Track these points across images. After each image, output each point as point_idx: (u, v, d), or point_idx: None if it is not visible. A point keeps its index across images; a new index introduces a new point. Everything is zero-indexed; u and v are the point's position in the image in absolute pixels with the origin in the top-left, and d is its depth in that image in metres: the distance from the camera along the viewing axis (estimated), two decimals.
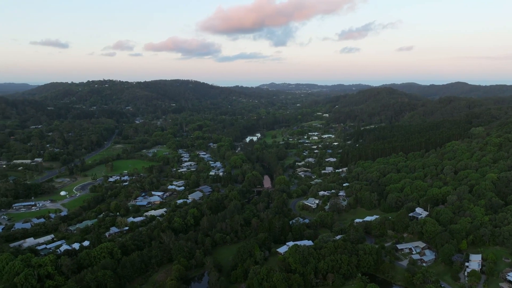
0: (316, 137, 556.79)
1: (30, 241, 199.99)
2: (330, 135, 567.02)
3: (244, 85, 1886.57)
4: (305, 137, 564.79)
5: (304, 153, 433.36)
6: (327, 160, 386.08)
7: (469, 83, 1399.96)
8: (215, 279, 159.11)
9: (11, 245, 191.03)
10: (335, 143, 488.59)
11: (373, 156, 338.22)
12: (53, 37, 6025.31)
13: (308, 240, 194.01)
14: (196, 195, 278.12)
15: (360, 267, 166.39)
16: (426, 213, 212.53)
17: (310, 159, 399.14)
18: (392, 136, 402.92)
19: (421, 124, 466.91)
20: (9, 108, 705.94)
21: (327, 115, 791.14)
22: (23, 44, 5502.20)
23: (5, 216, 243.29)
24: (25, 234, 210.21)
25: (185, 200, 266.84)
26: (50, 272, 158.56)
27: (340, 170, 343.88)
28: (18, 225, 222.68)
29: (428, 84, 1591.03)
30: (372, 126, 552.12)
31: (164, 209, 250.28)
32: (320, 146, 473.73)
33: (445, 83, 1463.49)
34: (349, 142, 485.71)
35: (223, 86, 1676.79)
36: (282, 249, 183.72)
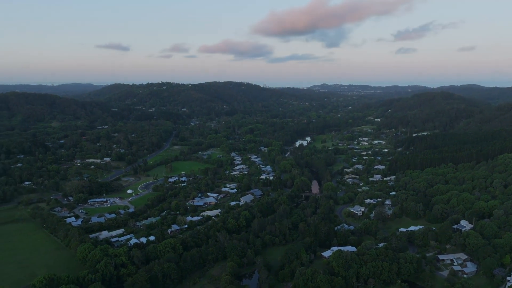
0: (366, 143, 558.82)
1: (105, 234, 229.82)
2: (381, 141, 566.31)
3: (296, 86, 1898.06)
4: (355, 142, 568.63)
5: (353, 160, 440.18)
6: (375, 167, 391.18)
7: None
8: (264, 277, 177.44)
9: (90, 236, 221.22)
10: (385, 150, 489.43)
11: (422, 166, 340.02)
12: (116, 40, 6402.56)
13: (352, 246, 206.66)
14: (247, 198, 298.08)
15: (400, 274, 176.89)
16: (471, 226, 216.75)
17: (359, 166, 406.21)
18: (443, 145, 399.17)
19: (476, 132, 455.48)
20: (79, 109, 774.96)
21: (378, 119, 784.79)
22: (89, 48, 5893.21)
23: (82, 210, 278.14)
24: (100, 227, 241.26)
25: (237, 202, 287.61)
26: (124, 261, 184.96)
27: (388, 178, 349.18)
28: (94, 219, 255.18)
29: (491, 86, 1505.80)
30: (425, 133, 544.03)
31: (219, 210, 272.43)
32: (369, 152, 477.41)
33: (510, 85, 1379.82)
34: (399, 149, 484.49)
35: (274, 87, 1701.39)
36: (327, 253, 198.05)
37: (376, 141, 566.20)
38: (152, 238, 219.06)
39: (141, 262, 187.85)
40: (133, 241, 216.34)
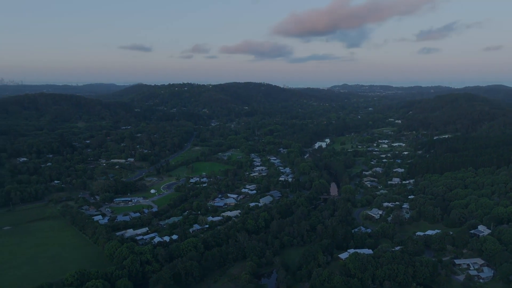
0: (386, 145, 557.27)
1: (130, 232, 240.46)
2: (401, 144, 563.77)
3: (316, 87, 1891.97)
4: (375, 144, 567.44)
5: (372, 162, 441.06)
6: (394, 170, 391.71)
7: None
8: (282, 276, 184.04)
9: (117, 234, 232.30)
10: (405, 153, 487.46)
11: (441, 170, 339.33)
12: (138, 42, 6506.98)
13: (369, 248, 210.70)
14: (266, 199, 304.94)
15: (416, 277, 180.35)
16: (489, 231, 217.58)
17: (378, 169, 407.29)
18: (464, 148, 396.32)
19: (498, 136, 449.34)
20: (104, 110, 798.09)
21: (399, 121, 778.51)
22: (113, 49, 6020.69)
23: (108, 209, 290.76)
24: (126, 225, 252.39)
25: (256, 203, 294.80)
26: (149, 259, 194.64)
27: (407, 181, 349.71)
28: (120, 217, 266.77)
29: None
30: (446, 136, 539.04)
31: (239, 211, 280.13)
32: (389, 155, 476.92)
33: None
34: (420, 152, 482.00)
35: (294, 87, 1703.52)
36: (344, 255, 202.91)
37: (396, 144, 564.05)
38: (175, 237, 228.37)
39: (165, 259, 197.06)
40: (157, 239, 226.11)
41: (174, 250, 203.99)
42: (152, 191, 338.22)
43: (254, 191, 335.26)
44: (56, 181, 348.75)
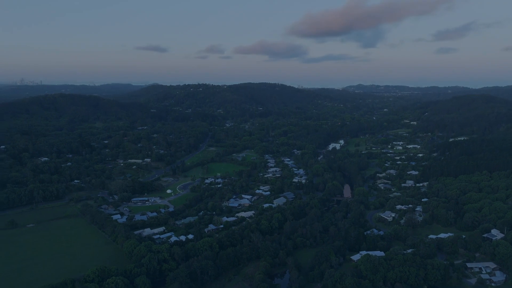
0: (400, 147, 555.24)
1: (147, 231, 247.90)
2: (416, 146, 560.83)
3: (331, 87, 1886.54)
4: (389, 146, 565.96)
5: (386, 164, 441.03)
6: (408, 173, 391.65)
7: None
8: (295, 277, 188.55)
9: (135, 232, 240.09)
10: (420, 155, 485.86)
11: (456, 173, 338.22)
12: (154, 42, 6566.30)
13: (381, 251, 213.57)
14: (280, 201, 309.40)
15: (427, 280, 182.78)
16: (502, 235, 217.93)
17: (392, 171, 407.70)
18: (480, 151, 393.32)
19: None
20: (121, 110, 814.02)
21: (414, 123, 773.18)
22: (129, 49, 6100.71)
23: (127, 208, 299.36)
24: (143, 224, 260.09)
25: (270, 204, 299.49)
26: (166, 257, 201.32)
27: (421, 184, 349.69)
28: (137, 217, 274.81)
29: None
30: (462, 138, 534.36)
31: (253, 212, 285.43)
32: (403, 157, 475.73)
33: None
34: (434, 154, 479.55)
35: (309, 87, 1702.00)
36: (356, 257, 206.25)
37: (411, 146, 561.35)
38: (190, 236, 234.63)
39: (181, 258, 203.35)
40: (173, 238, 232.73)
41: (190, 249, 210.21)
42: (168, 191, 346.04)
43: (268, 192, 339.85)
44: (76, 181, 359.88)
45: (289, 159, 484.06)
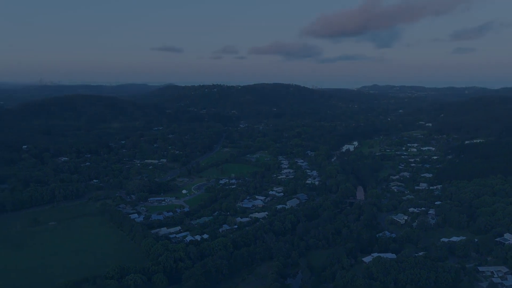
0: (415, 149, 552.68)
1: (164, 230, 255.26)
2: (431, 148, 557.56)
3: (345, 87, 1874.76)
4: (403, 148, 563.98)
5: (400, 167, 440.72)
6: (422, 175, 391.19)
7: None
8: (307, 277, 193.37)
9: (152, 231, 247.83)
10: (435, 157, 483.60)
11: (470, 176, 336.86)
12: (169, 43, 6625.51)
13: (392, 253, 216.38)
14: (293, 202, 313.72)
15: (438, 283, 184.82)
16: None
17: (405, 173, 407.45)
18: (495, 154, 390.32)
19: None
20: (137, 111, 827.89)
21: (430, 124, 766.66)
22: (145, 50, 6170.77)
23: (143, 208, 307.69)
24: (159, 224, 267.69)
25: (283, 206, 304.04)
26: (182, 256, 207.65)
27: (435, 187, 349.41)
28: (154, 216, 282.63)
29: None
30: (478, 141, 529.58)
31: (266, 213, 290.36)
32: (417, 159, 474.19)
33: None
34: (449, 157, 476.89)
35: (323, 88, 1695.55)
36: (367, 259, 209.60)
37: (426, 148, 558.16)
38: (205, 236, 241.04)
39: (197, 257, 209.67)
40: (189, 238, 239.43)
41: (205, 249, 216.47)
42: (184, 191, 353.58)
43: (281, 194, 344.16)
44: (95, 180, 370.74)
45: (302, 161, 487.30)
